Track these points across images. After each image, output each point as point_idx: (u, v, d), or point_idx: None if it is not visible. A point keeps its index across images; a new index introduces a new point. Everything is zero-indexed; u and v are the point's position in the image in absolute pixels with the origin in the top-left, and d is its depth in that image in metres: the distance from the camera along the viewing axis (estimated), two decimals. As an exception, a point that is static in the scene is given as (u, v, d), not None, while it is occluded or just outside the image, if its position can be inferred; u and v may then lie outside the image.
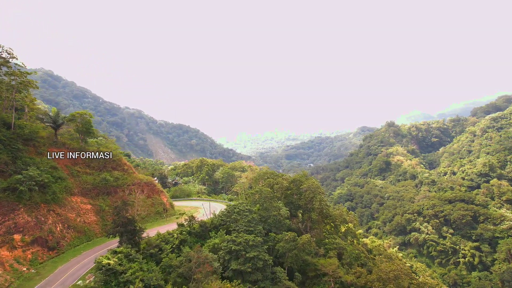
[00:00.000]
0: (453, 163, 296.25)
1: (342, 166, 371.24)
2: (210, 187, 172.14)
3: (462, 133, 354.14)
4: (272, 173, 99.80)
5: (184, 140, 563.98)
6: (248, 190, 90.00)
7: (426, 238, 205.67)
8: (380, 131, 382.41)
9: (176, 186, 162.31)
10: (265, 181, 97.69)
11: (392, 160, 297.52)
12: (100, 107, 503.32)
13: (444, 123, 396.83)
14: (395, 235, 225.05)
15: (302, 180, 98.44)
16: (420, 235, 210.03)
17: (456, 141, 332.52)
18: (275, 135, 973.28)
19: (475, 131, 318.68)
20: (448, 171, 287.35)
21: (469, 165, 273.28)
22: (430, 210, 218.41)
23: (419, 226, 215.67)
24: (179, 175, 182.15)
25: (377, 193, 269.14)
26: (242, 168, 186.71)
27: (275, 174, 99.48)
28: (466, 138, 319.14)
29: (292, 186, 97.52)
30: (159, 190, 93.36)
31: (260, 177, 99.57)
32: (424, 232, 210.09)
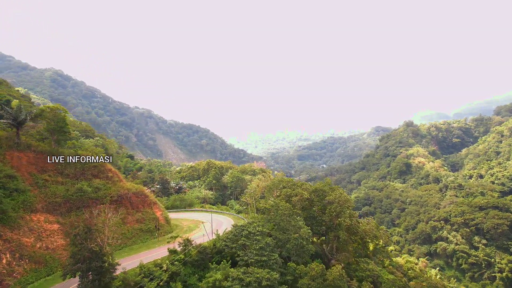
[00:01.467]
0: (479, 166, 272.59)
1: (357, 168, 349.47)
2: (217, 192, 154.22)
3: (488, 134, 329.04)
4: (288, 181, 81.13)
5: (194, 140, 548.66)
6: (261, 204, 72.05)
7: (455, 249, 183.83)
8: (398, 131, 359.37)
9: (179, 193, 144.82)
10: (280, 191, 79.21)
11: (413, 162, 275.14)
12: (110, 107, 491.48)
13: (466, 122, 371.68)
14: (419, 244, 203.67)
15: (326, 190, 79.53)
16: (448, 245, 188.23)
17: (482, 142, 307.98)
18: (287, 135, 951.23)
19: (503, 131, 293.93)
20: (474, 174, 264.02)
21: (498, 168, 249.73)
22: (458, 217, 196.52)
23: (446, 235, 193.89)
24: (184, 179, 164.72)
25: (398, 198, 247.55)
26: (253, 171, 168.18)
27: (292, 182, 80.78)
28: (493, 139, 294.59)
29: (313, 197, 78.77)
30: (151, 202, 75.50)
31: (275, 186, 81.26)
32: (453, 242, 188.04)
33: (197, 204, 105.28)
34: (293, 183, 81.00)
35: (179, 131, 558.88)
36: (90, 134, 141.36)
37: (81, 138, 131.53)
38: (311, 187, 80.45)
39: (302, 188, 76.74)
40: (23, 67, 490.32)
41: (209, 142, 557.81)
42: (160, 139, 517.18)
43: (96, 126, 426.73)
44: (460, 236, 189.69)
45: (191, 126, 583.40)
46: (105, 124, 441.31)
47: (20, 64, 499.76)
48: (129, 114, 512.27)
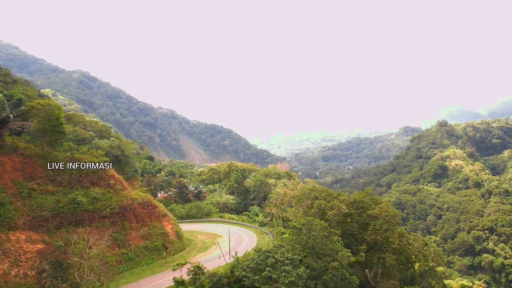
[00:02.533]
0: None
1: (387, 170, 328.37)
2: (239, 196, 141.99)
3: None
4: (322, 191, 67.29)
5: (217, 141, 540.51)
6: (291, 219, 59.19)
7: (504, 263, 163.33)
8: (430, 131, 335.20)
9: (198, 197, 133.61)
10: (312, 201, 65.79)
11: (449, 164, 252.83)
12: (134, 107, 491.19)
13: (507, 122, 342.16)
14: (460, 255, 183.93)
15: (367, 201, 65.44)
16: (496, 258, 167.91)
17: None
18: (310, 135, 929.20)
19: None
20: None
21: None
22: (507, 227, 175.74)
23: (492, 247, 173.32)
24: (204, 182, 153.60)
25: (433, 203, 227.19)
26: (278, 174, 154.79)
27: (327, 192, 66.96)
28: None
29: (352, 211, 64.85)
30: (160, 214, 63.95)
31: (305, 196, 67.68)
32: (501, 255, 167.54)
33: (215, 213, 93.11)
34: (328, 193, 67.25)
35: (202, 131, 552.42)
36: (106, 134, 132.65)
37: (95, 139, 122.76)
38: (349, 197, 66.34)
39: (339, 200, 62.89)
40: (53, 69, 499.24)
41: (232, 143, 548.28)
42: (183, 139, 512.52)
43: (120, 127, 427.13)
44: (509, 248, 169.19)
45: (214, 127, 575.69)
46: (129, 125, 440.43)
47: (50, 66, 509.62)
48: (153, 115, 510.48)
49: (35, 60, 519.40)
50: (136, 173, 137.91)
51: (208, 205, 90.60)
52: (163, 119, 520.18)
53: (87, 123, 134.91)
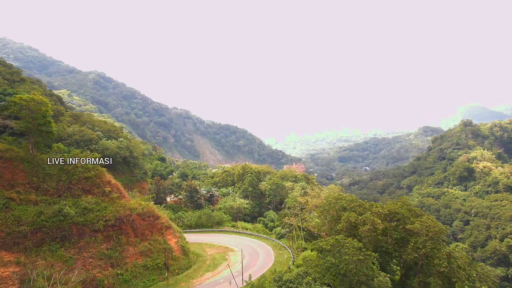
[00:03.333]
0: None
1: (407, 172, 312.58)
2: (254, 200, 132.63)
3: None
4: (351, 201, 56.66)
5: (231, 141, 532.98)
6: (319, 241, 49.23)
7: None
8: (454, 131, 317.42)
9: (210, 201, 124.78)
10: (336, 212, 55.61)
11: (476, 166, 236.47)
12: (148, 108, 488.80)
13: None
14: (492, 265, 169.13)
15: (404, 213, 54.85)
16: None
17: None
18: (326, 135, 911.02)
19: None
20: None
21: None
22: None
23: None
24: (217, 185, 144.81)
25: (459, 208, 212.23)
26: (295, 177, 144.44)
27: (358, 202, 56.39)
28: None
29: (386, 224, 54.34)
30: (163, 225, 55.05)
31: (331, 206, 57.10)
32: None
33: (227, 221, 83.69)
34: (358, 203, 56.70)
35: (217, 131, 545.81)
36: (114, 135, 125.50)
37: (103, 139, 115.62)
38: (382, 209, 55.60)
39: (372, 212, 52.44)
40: (70, 70, 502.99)
41: (246, 143, 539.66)
42: (197, 139, 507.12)
43: (134, 127, 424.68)
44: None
45: (229, 127, 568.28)
46: (143, 125, 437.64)
47: (68, 68, 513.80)
48: (167, 115, 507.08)
49: (53, 62, 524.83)
50: (145, 175, 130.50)
51: (219, 213, 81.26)
52: (177, 119, 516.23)
53: (95, 123, 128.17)
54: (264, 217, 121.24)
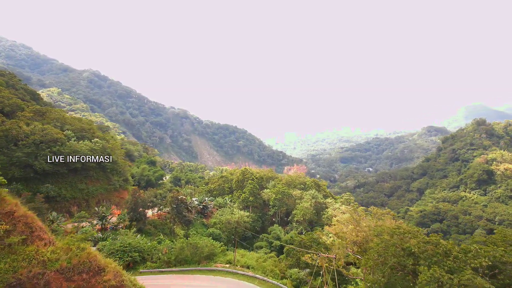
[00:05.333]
0: None
1: (416, 174, 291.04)
2: (255, 212, 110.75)
3: None
4: (425, 242, 34.15)
5: (230, 142, 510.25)
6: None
7: None
8: (466, 131, 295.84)
9: (203, 214, 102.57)
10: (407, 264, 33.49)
11: (496, 168, 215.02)
12: (144, 107, 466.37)
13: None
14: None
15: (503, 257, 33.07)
16: None
17: None
18: (326, 136, 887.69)
19: None
20: None
21: None
22: None
23: None
24: (212, 193, 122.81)
25: (481, 214, 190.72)
26: (303, 184, 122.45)
27: (433, 244, 34.39)
28: None
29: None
30: (109, 283, 33.20)
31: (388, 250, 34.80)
32: None
33: (221, 254, 61.30)
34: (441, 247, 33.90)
35: (215, 132, 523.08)
36: (88, 134, 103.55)
37: (72, 139, 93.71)
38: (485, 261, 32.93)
39: (473, 266, 30.01)
40: (64, 69, 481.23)
41: (246, 144, 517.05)
42: (195, 140, 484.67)
43: (129, 127, 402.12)
44: None
45: (228, 127, 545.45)
46: (139, 125, 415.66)
47: (61, 66, 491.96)
48: (164, 115, 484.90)
49: (47, 60, 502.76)
50: (126, 183, 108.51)
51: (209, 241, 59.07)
52: (174, 119, 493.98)
53: (66, 120, 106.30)
54: (268, 233, 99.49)
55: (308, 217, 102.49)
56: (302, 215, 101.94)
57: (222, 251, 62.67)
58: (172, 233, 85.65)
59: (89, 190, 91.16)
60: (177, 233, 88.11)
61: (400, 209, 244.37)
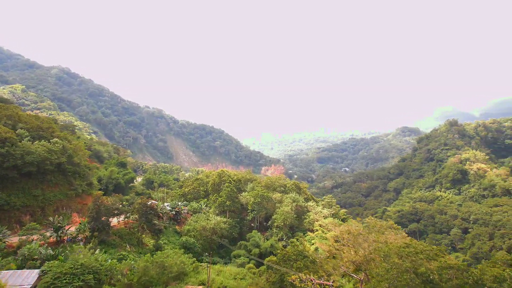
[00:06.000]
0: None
1: (393, 174, 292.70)
2: (233, 217, 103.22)
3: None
4: (417, 253, 28.63)
5: (207, 142, 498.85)
6: None
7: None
8: (440, 131, 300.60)
9: (176, 220, 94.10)
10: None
11: (470, 168, 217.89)
12: (118, 106, 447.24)
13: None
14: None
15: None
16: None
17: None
18: (303, 136, 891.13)
19: None
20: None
21: None
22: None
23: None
24: (186, 197, 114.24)
25: (456, 214, 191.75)
26: (284, 186, 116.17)
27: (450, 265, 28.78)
28: None
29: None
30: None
31: (394, 274, 28.66)
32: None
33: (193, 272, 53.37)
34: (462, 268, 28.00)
35: (192, 132, 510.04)
36: (46, 134, 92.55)
37: (25, 139, 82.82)
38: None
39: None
40: (30, 65, 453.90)
41: (223, 144, 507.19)
42: (171, 140, 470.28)
43: (101, 127, 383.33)
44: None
45: (204, 127, 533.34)
46: (111, 125, 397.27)
47: (27, 62, 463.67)
48: (139, 114, 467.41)
49: (11, 56, 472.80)
50: (91, 187, 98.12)
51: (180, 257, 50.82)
52: (149, 118, 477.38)
53: (21, 118, 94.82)
54: (247, 240, 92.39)
55: (289, 222, 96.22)
56: (283, 220, 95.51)
57: (194, 268, 54.75)
58: (140, 244, 76.90)
59: (45, 197, 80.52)
60: (146, 243, 79.47)
61: (377, 209, 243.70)
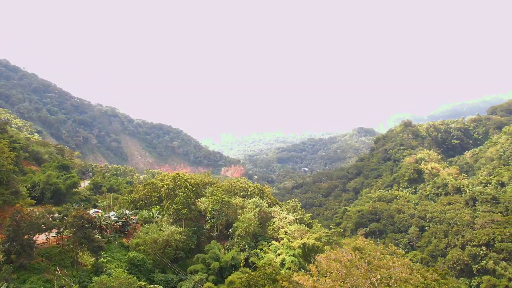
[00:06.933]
0: (494, 172, 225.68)
1: (352, 174, 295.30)
2: (189, 226, 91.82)
3: (495, 135, 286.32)
4: None
5: (164, 142, 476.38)
6: None
7: (510, 286, 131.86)
8: (395, 131, 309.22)
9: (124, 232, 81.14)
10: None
11: (425, 168, 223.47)
12: (66, 104, 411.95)
13: (464, 122, 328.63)
14: (455, 276, 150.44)
15: None
16: (499, 280, 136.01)
17: (492, 144, 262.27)
18: (263, 136, 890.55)
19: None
20: (493, 182, 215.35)
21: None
22: (507, 242, 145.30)
23: (493, 266, 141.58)
24: (137, 203, 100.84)
25: (413, 212, 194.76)
26: (246, 190, 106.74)
27: None
28: (506, 140, 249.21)
29: None
30: None
31: None
32: (505, 276, 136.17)
33: None
34: None
35: (148, 131, 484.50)
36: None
37: None
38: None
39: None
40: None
41: (181, 144, 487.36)
42: (125, 140, 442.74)
43: (47, 126, 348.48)
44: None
45: (162, 126, 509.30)
46: (58, 123, 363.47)
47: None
48: (90, 113, 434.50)
49: None
50: (17, 196, 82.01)
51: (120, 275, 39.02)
52: (102, 117, 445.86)
53: None
54: (205, 253, 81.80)
55: (252, 230, 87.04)
56: (245, 227, 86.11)
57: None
58: (76, 265, 63.50)
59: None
60: (84, 263, 66.19)
61: (338, 209, 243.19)
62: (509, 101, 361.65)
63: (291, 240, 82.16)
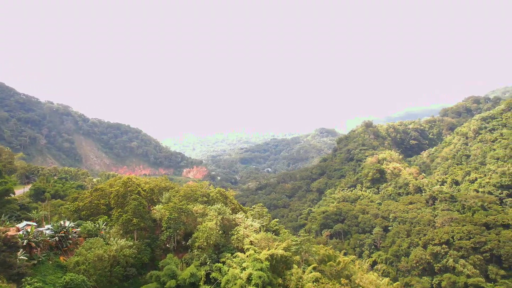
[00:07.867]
0: (449, 171, 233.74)
1: (315, 174, 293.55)
2: (142, 238, 79.87)
3: (448, 135, 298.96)
4: None
5: (122, 142, 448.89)
6: None
7: (467, 282, 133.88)
8: (357, 132, 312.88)
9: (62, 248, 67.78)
10: None
11: (387, 168, 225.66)
12: (10, 100, 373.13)
13: (420, 123, 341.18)
14: (417, 275, 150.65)
15: None
16: (458, 277, 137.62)
17: (446, 144, 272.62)
18: (226, 136, 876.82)
19: (467, 133, 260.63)
20: (448, 180, 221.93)
21: (477, 174, 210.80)
22: (465, 240, 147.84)
23: (453, 264, 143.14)
24: (82, 213, 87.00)
25: (377, 212, 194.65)
26: (207, 196, 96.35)
27: None
28: (459, 141, 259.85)
29: None
30: None
31: None
32: (464, 273, 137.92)
33: None
34: None
35: (104, 131, 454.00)
36: None
37: None
38: None
39: None
40: None
41: (140, 145, 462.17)
42: (79, 141, 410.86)
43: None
44: (471, 265, 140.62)
45: (119, 126, 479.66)
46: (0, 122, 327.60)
47: None
48: (39, 110, 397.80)
49: None
50: None
51: None
52: (52, 116, 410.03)
53: None
54: (160, 269, 70.69)
55: (214, 241, 77.12)
56: (206, 238, 76.02)
57: None
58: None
59: None
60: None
61: (302, 210, 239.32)
62: (458, 104, 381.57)
63: (257, 251, 73.40)
